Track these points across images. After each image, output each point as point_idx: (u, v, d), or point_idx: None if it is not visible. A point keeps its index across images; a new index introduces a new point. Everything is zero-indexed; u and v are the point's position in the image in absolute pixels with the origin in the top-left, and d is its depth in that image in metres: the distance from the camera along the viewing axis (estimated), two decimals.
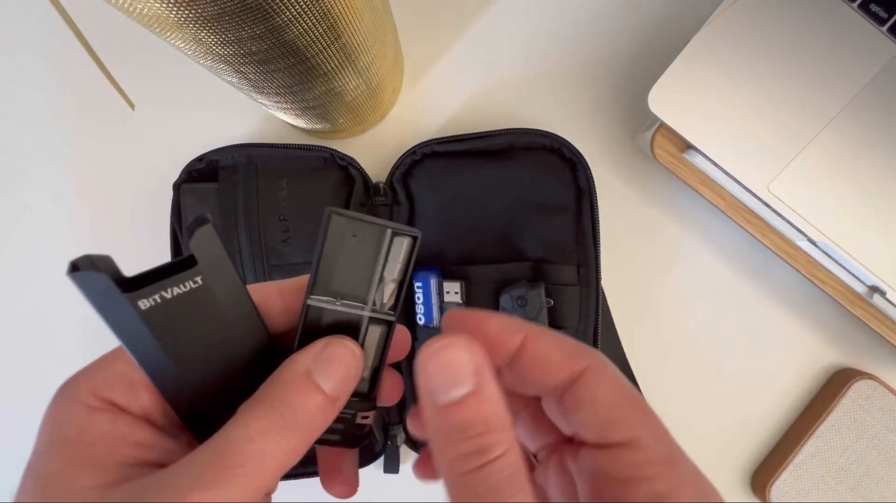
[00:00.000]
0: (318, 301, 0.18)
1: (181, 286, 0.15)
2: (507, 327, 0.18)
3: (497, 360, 0.18)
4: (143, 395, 0.16)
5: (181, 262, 0.15)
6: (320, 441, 0.18)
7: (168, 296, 0.15)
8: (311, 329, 0.18)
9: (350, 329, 0.18)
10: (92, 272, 0.15)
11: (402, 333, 0.20)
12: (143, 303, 0.14)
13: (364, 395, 0.19)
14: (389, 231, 0.18)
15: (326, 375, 0.17)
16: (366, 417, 0.19)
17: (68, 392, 0.16)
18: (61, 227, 0.44)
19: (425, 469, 0.22)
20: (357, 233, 0.18)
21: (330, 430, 0.18)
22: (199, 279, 0.15)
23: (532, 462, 0.21)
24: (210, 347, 0.16)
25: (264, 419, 0.15)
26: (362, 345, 0.18)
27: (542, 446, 0.21)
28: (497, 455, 0.15)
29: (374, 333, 0.18)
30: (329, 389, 0.16)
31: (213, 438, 0.15)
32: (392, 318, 0.18)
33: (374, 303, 0.18)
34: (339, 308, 0.18)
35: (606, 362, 0.18)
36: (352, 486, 0.21)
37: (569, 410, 0.17)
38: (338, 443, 0.19)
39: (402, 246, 0.18)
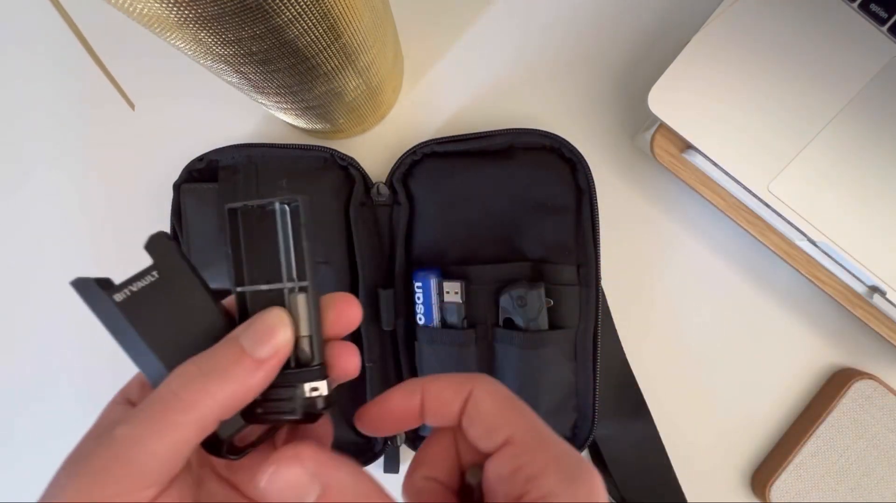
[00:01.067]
0: (243, 289, 0.20)
1: (143, 280, 0.19)
2: (403, 399, 0.20)
3: (413, 424, 0.20)
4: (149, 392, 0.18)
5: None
6: (278, 420, 0.19)
7: (135, 289, 0.18)
8: (247, 314, 0.20)
9: (278, 304, 0.20)
10: (82, 277, 0.18)
11: (343, 302, 0.21)
12: (118, 297, 0.18)
13: (308, 365, 0.19)
14: (276, 204, 0.19)
15: (250, 336, 0.18)
16: (315, 389, 0.19)
17: (115, 398, 0.19)
18: (62, 228, 0.44)
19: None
20: (256, 217, 0.20)
21: (285, 409, 0.19)
22: (154, 273, 0.19)
23: None
24: (179, 334, 0.19)
25: (187, 375, 0.17)
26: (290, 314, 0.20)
27: None
28: None
29: (298, 303, 0.19)
30: (248, 345, 0.18)
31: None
32: (305, 284, 0.20)
33: (290, 277, 0.20)
34: (263, 288, 0.20)
35: (488, 380, 0.20)
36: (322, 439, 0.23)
37: (466, 432, 0.20)
38: (298, 420, 0.20)
39: (291, 215, 0.19)
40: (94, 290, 0.18)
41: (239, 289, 0.20)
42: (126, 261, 0.44)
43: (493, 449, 0.19)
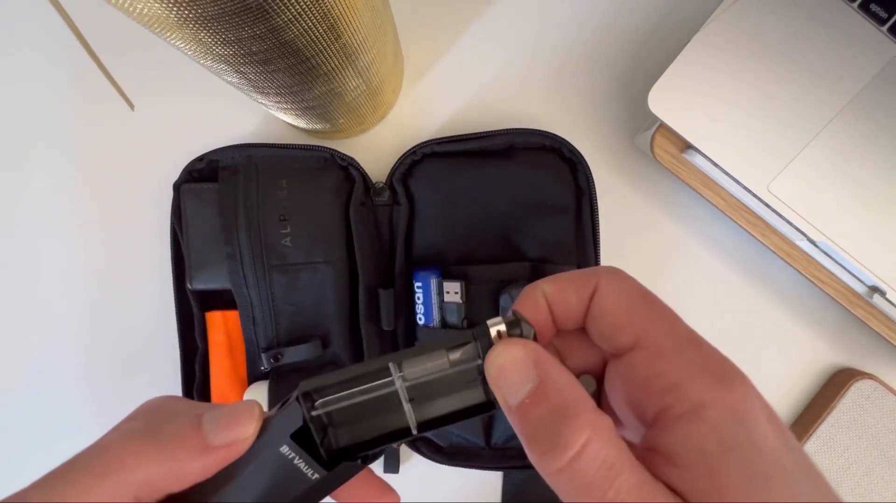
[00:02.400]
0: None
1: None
2: (529, 302, 0.18)
3: (549, 332, 0.18)
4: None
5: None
6: None
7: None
8: None
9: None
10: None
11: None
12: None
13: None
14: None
15: (213, 418, 0.17)
16: None
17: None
18: (62, 228, 0.44)
19: None
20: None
21: None
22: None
23: None
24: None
25: (133, 433, 0.17)
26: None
27: None
28: (579, 448, 0.14)
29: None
30: (206, 427, 0.17)
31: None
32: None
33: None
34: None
35: (613, 273, 0.18)
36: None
37: (590, 331, 0.18)
38: None
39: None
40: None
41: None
42: (127, 260, 0.45)
43: (615, 351, 0.17)
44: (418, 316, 0.38)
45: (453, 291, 0.38)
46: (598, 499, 0.13)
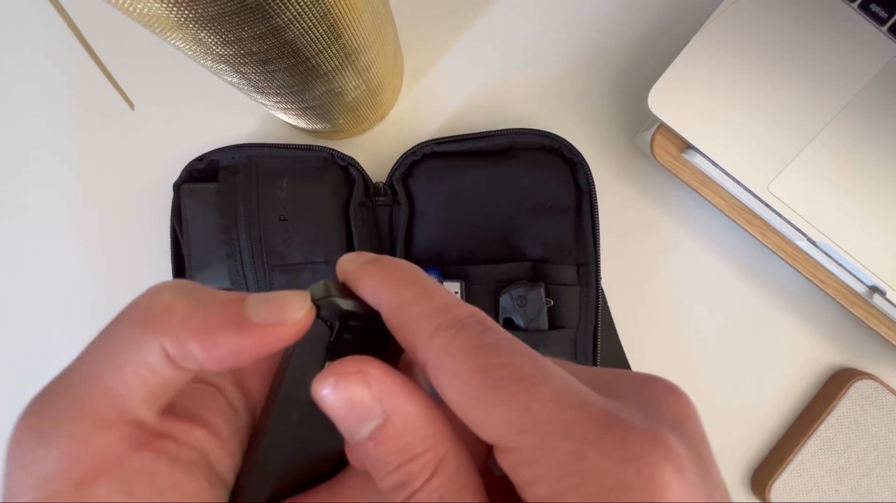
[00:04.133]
0: None
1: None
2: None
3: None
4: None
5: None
6: None
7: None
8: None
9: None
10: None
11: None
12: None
13: None
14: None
15: (258, 300, 0.14)
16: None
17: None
18: (61, 228, 0.44)
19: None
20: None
21: None
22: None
23: None
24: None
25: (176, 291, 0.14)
26: None
27: None
28: (420, 484, 0.13)
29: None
30: (249, 306, 0.14)
31: None
32: None
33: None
34: None
35: (443, 344, 0.14)
36: None
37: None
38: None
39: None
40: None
41: None
42: (126, 261, 0.45)
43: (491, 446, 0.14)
44: None
45: (453, 291, 0.38)
46: None
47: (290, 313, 0.14)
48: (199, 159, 0.40)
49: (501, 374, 0.13)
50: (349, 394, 0.13)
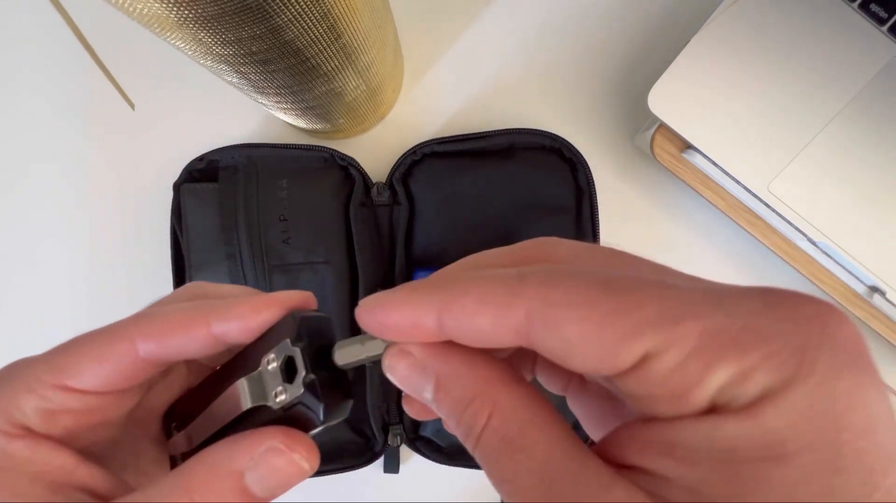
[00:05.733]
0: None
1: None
2: (408, 308, 0.14)
3: (425, 338, 0.15)
4: (61, 421, 0.16)
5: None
6: None
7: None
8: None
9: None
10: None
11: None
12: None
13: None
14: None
15: (263, 483, 0.15)
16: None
17: None
18: (61, 227, 0.44)
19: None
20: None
21: None
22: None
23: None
24: None
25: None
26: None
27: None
28: (480, 429, 0.14)
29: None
30: (263, 495, 0.15)
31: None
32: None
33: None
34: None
35: (547, 283, 0.13)
36: None
37: (557, 361, 0.13)
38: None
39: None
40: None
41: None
42: (127, 260, 0.45)
43: (621, 372, 0.12)
44: None
45: None
46: (498, 479, 0.13)
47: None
48: (199, 159, 0.40)
49: (623, 283, 0.12)
50: (400, 372, 0.15)
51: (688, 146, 0.37)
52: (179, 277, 0.40)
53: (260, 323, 0.16)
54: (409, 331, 0.14)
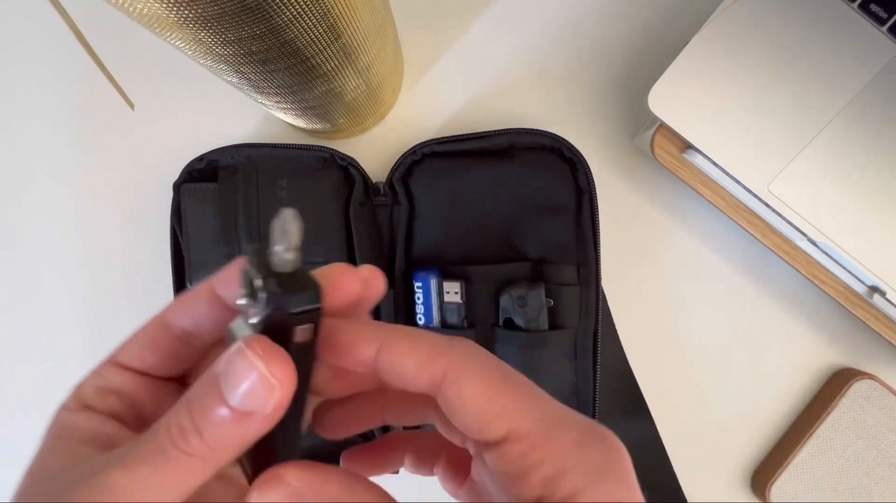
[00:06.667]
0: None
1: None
2: (358, 337, 0.17)
3: (359, 370, 0.17)
4: (110, 399, 0.18)
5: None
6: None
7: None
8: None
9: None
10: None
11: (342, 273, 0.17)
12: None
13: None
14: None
15: (231, 387, 0.15)
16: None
17: (62, 403, 0.18)
18: (61, 228, 0.44)
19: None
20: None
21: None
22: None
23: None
24: None
25: (181, 417, 0.15)
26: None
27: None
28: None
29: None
30: (235, 403, 0.15)
31: (153, 425, 0.16)
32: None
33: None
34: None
35: (469, 353, 0.16)
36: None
37: (448, 415, 0.16)
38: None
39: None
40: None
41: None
42: (126, 261, 0.45)
43: (486, 442, 0.16)
44: (418, 316, 0.38)
45: (453, 291, 0.38)
46: None
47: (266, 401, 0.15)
48: (199, 159, 0.40)
49: (516, 380, 0.17)
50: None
51: (688, 146, 0.37)
52: (179, 277, 0.40)
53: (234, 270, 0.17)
54: (349, 349, 0.17)
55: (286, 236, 0.15)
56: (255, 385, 0.14)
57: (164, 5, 0.21)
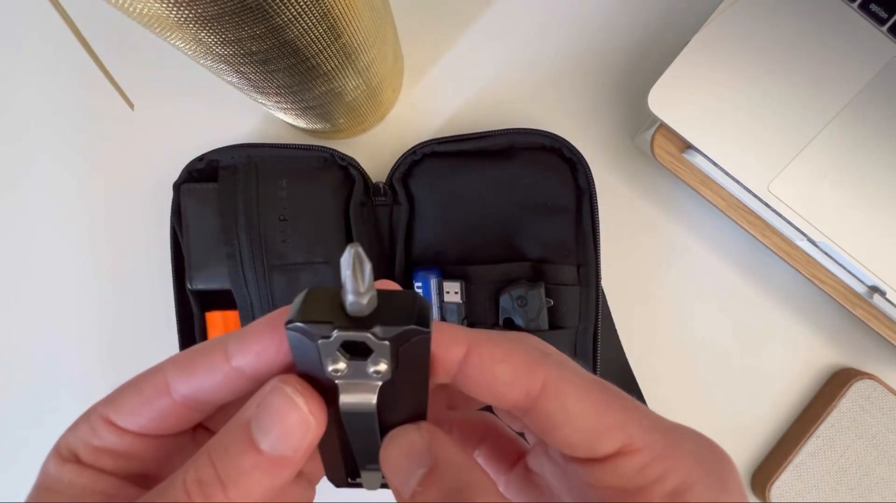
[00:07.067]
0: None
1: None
2: (445, 337, 0.15)
3: (439, 374, 0.16)
4: (104, 458, 0.16)
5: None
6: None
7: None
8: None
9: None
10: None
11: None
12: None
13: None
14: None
15: (264, 430, 0.14)
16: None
17: (50, 453, 0.16)
18: (61, 228, 0.44)
19: None
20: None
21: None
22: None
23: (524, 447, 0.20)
24: None
25: (201, 470, 0.14)
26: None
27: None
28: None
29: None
30: (267, 447, 0.14)
31: (165, 481, 0.15)
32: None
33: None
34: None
35: (565, 366, 0.15)
36: None
37: (542, 430, 0.15)
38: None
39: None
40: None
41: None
42: (126, 261, 0.45)
43: (592, 458, 0.15)
44: None
45: (453, 291, 0.38)
46: None
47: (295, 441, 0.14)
48: (199, 159, 0.40)
49: (613, 390, 0.15)
50: (406, 442, 0.15)
51: (688, 146, 0.37)
52: (179, 277, 0.40)
53: (277, 342, 0.15)
54: (439, 344, 0.15)
55: (361, 278, 0.13)
56: (290, 425, 0.14)
57: (164, 5, 0.21)
